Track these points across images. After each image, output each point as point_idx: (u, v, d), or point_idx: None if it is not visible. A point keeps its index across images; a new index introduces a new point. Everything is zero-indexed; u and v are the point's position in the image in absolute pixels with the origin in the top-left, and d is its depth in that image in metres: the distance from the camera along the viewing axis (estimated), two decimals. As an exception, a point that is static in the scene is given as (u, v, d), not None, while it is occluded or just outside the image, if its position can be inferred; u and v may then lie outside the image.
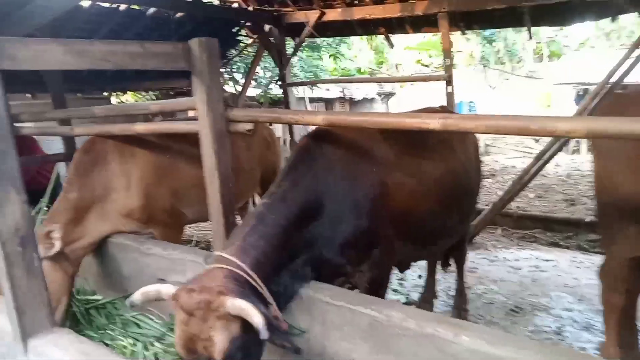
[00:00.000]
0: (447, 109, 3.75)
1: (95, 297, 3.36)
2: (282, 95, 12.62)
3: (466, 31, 7.10)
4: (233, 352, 1.69)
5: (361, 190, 2.30)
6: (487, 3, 5.46)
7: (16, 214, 1.73)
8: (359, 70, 19.29)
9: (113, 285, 3.34)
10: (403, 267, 3.11)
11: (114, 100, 11.72)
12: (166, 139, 3.31)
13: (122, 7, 5.55)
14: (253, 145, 4.02)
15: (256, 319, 1.63)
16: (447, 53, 5.85)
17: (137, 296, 1.81)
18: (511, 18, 6.16)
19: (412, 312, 1.96)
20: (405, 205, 2.49)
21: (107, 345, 2.75)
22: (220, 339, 1.67)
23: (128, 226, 3.26)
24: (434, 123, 1.67)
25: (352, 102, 21.09)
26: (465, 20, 6.44)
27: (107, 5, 5.48)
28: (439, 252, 3.74)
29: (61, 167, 4.83)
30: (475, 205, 3.55)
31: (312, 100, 17.40)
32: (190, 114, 6.80)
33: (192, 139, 2.63)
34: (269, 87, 12.68)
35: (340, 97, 19.89)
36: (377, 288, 2.44)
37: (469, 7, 5.70)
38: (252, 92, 11.15)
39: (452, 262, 4.17)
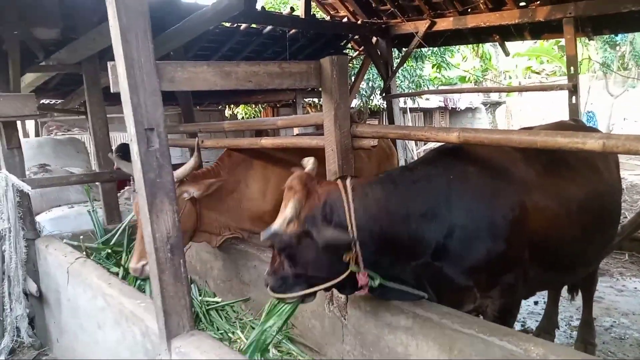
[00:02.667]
0: (581, 123, 3.44)
1: (216, 299, 3.56)
2: (381, 106, 12.57)
3: (594, 37, 6.51)
4: (279, 237, 1.95)
5: (499, 210, 2.16)
6: (622, 5, 4.95)
7: (168, 223, 1.88)
8: (462, 79, 18.59)
9: (233, 290, 3.51)
10: (529, 294, 2.89)
11: (227, 112, 12.54)
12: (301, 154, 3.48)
13: (243, 26, 5.92)
14: (373, 157, 4.03)
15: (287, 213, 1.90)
16: (572, 60, 5.41)
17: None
18: (650, 20, 5.53)
19: (555, 348, 1.79)
20: (545, 230, 2.30)
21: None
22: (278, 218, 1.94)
23: (256, 227, 3.43)
24: (592, 143, 1.52)
25: (453, 112, 20.36)
26: (594, 25, 5.91)
27: (229, 25, 5.87)
28: (575, 281, 3.43)
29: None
30: (617, 230, 3.20)
31: (411, 110, 17.12)
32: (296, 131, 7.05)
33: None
34: (370, 97, 12.73)
35: (441, 106, 19.32)
36: (507, 317, 2.28)
37: (599, 11, 5.22)
38: (352, 103, 11.25)
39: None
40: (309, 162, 2.29)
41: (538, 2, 5.65)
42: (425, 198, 2.13)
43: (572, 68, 5.42)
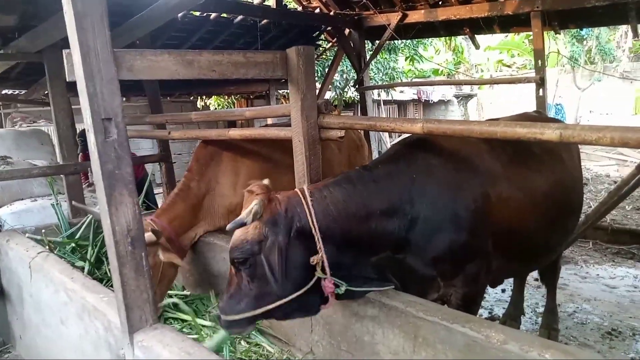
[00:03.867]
0: (544, 115, 3.51)
1: (184, 292, 3.52)
2: (355, 98, 12.60)
3: (560, 31, 6.66)
4: (239, 252, 1.92)
5: (462, 202, 2.19)
6: (586, 0, 5.07)
7: (128, 216, 1.84)
8: (435, 72, 18.78)
9: (201, 283, 3.48)
10: (495, 282, 2.95)
11: (199, 103, 12.35)
12: (271, 146, 3.44)
13: (212, 15, 5.81)
14: (343, 148, 4.04)
15: (248, 217, 1.84)
16: (540, 54, 5.52)
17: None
18: (613, 15, 5.68)
19: (515, 333, 1.83)
20: (508, 220, 2.34)
21: (196, 339, 2.86)
22: (238, 233, 1.92)
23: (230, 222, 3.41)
24: (550, 134, 1.55)
25: (427, 104, 20.58)
26: (560, 19, 6.04)
27: (198, 14, 5.76)
28: (538, 269, 3.52)
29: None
30: (579, 219, 3.28)
31: (385, 102, 17.21)
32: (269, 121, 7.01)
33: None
34: (344, 89, 12.72)
35: (414, 99, 19.49)
36: (470, 305, 2.32)
37: (565, 5, 5.34)
38: (326, 95, 11.24)
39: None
40: (264, 180, 2.25)
41: (507, -4, 5.74)
42: (386, 196, 2.14)
43: (539, 61, 5.52)
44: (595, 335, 3.97)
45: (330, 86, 12.29)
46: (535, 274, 4.76)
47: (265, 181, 2.18)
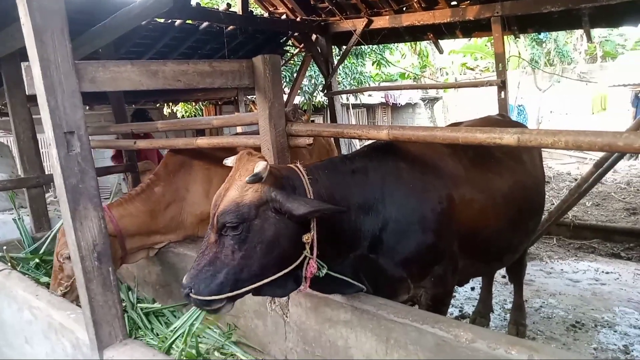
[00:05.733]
0: (507, 118, 3.63)
1: (155, 305, 3.46)
2: (324, 102, 12.66)
3: (519, 35, 6.89)
4: (232, 215, 1.72)
5: (428, 205, 2.24)
6: (543, 6, 5.27)
7: (94, 230, 1.81)
8: (402, 75, 19.10)
9: (172, 295, 3.43)
10: (461, 281, 3.03)
11: (165, 111, 12.15)
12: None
13: (177, 22, 5.75)
14: (314, 153, 4.06)
15: (261, 171, 1.70)
16: (500, 58, 5.70)
17: (228, 160, 2.01)
18: (568, 20, 5.93)
19: (482, 332, 1.89)
20: (472, 222, 2.41)
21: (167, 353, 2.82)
22: (231, 193, 1.76)
23: (201, 231, 3.36)
24: (508, 138, 1.61)
25: (395, 108, 20.93)
26: (519, 24, 6.26)
27: (162, 21, 5.68)
28: (503, 268, 3.62)
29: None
30: (541, 218, 3.40)
31: (353, 106, 17.39)
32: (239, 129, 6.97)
33: None
34: (313, 94, 12.77)
35: (383, 102, 19.78)
36: (439, 306, 2.38)
37: (523, 11, 5.53)
38: (295, 100, 11.26)
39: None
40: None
41: (468, 2, 5.91)
42: (363, 190, 2.15)
43: (500, 65, 5.70)
44: (560, 328, 4.11)
45: (299, 91, 12.33)
46: (503, 271, 4.90)
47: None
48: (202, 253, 1.80)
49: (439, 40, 7.27)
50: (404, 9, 6.47)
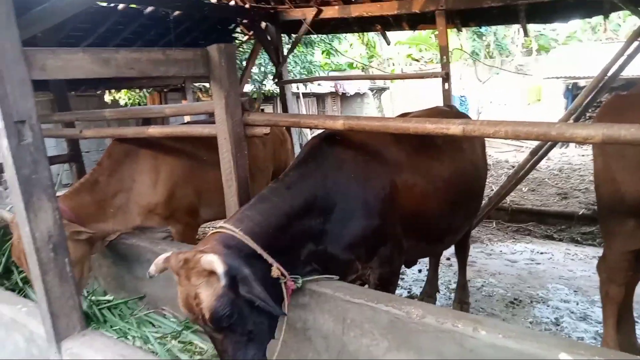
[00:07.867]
0: (454, 109, 3.81)
1: (107, 297, 3.39)
2: (274, 91, 12.60)
3: (462, 28, 7.19)
4: (221, 309, 1.77)
5: (371, 190, 2.36)
6: (484, 1, 5.53)
7: (49, 221, 1.77)
8: (350, 65, 19.32)
9: (125, 287, 3.37)
10: (409, 263, 3.20)
11: (107, 97, 11.63)
12: (195, 143, 3.38)
13: (120, 6, 5.53)
14: (268, 143, 4.08)
15: (219, 268, 1.69)
16: (444, 50, 5.92)
17: (152, 269, 1.98)
18: (507, 15, 6.25)
19: (431, 308, 2.03)
20: (414, 205, 2.56)
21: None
22: (205, 295, 1.77)
23: (148, 221, 3.30)
24: (454, 129, 1.74)
25: (344, 97, 21.16)
26: (462, 18, 6.52)
27: (105, 4, 5.45)
28: (445, 249, 3.83)
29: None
30: (481, 203, 3.62)
31: (304, 95, 17.42)
32: (187, 118, 6.84)
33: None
34: (263, 82, 12.68)
35: (332, 92, 19.94)
36: (386, 285, 2.51)
37: (465, 5, 5.77)
38: (245, 88, 11.15)
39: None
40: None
41: (414, -6, 6.08)
42: (302, 197, 2.23)
43: (444, 57, 5.93)
44: (500, 305, 4.40)
45: (248, 79, 12.20)
46: (447, 253, 5.17)
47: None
48: (224, 351, 1.90)
49: (386, 32, 7.43)
50: (353, 0, 6.56)
